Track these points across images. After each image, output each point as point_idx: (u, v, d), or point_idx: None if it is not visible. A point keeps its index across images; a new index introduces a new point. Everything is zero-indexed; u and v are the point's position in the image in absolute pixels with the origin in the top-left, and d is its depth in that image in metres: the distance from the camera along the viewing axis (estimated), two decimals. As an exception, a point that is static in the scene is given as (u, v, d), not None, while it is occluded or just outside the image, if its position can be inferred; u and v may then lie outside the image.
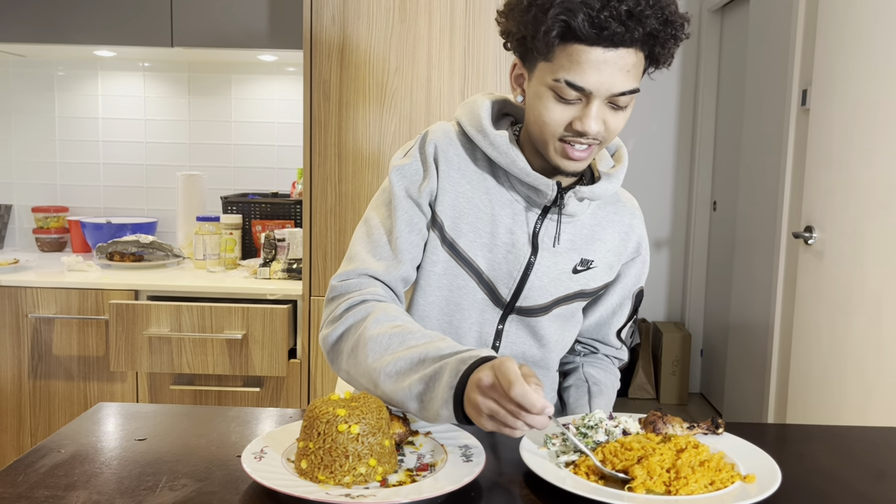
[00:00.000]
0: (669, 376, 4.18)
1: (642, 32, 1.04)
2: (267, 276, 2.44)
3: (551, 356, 1.32)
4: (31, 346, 2.38)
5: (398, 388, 1.04)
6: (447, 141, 1.23)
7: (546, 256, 1.22)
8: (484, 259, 1.21)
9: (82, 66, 2.97)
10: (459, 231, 1.21)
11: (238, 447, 1.04)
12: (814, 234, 2.38)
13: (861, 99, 2.13)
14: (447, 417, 0.99)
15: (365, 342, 1.09)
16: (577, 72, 1.05)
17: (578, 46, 1.05)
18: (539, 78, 1.11)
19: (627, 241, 1.31)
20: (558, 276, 1.24)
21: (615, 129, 1.12)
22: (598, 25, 1.02)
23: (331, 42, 2.18)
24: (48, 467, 0.97)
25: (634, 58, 1.07)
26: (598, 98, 1.07)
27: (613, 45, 1.04)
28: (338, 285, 1.20)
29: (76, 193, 3.03)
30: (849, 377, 2.16)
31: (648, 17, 1.03)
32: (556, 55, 1.07)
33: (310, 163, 2.23)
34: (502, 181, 1.22)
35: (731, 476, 0.94)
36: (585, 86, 1.06)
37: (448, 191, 1.21)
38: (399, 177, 1.22)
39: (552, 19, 1.04)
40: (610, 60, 1.05)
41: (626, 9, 1.02)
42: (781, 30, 3.11)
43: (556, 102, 1.10)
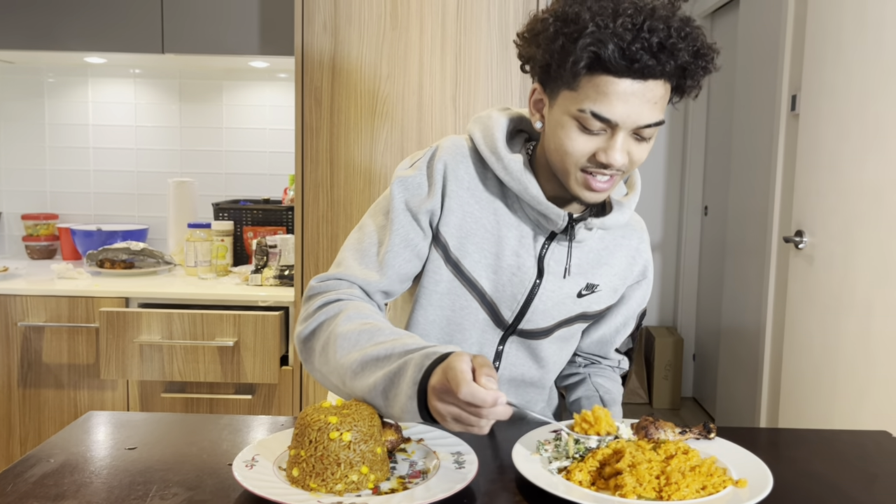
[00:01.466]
0: (662, 381, 4.19)
1: (674, 65, 1.02)
2: (258, 283, 2.43)
3: (549, 376, 1.32)
4: (20, 354, 2.36)
5: (364, 384, 1.01)
6: (458, 158, 1.19)
7: (552, 281, 1.21)
8: (488, 280, 1.20)
9: (72, 72, 2.96)
10: (465, 251, 1.19)
11: (229, 455, 1.04)
12: (804, 238, 2.39)
13: (850, 104, 2.15)
14: (412, 415, 0.96)
15: (335, 339, 1.07)
16: (604, 103, 1.03)
17: (606, 77, 1.02)
18: (562, 106, 1.08)
19: (634, 265, 1.30)
20: (563, 300, 1.23)
21: (638, 161, 1.10)
22: (629, 57, 1.00)
23: (322, 49, 2.18)
24: (38, 477, 0.96)
25: (662, 89, 1.05)
26: (623, 129, 1.05)
27: (642, 77, 1.02)
28: (316, 285, 1.17)
29: (66, 200, 3.02)
30: (840, 381, 2.17)
31: (680, 50, 1.02)
32: (581, 85, 1.05)
33: (301, 169, 2.22)
34: (512, 203, 1.20)
35: (723, 481, 0.94)
36: (612, 118, 1.04)
37: (455, 211, 1.18)
38: (401, 188, 1.19)
39: (581, 50, 1.01)
40: (638, 92, 1.03)
41: (657, 41, 1.00)
42: (771, 35, 3.12)
43: (580, 133, 1.07)
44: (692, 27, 1.04)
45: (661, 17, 1.02)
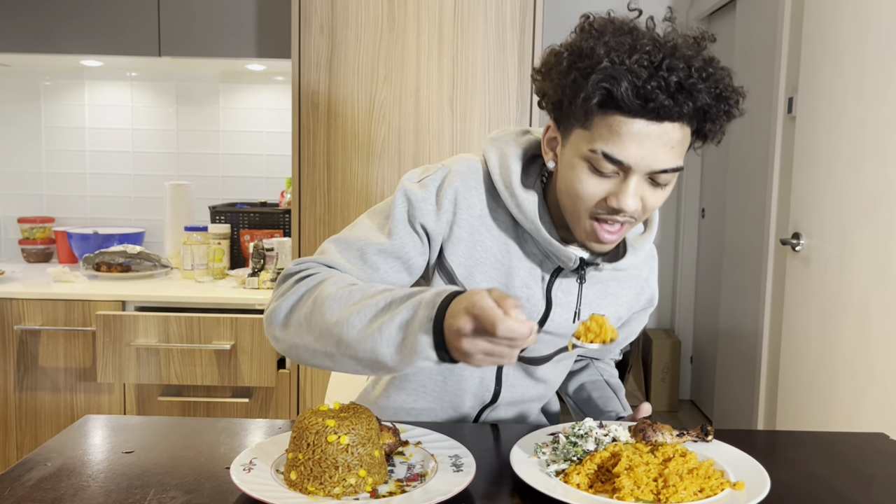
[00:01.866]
0: (659, 383, 4.19)
1: (692, 107, 0.96)
2: (255, 286, 2.43)
3: (549, 392, 1.33)
4: (16, 357, 2.36)
5: (367, 333, 0.94)
6: (471, 185, 1.14)
7: (559, 313, 1.18)
8: None
9: (69, 75, 2.96)
10: (473, 280, 1.14)
11: (227, 459, 1.04)
12: (801, 240, 2.40)
13: (847, 106, 2.15)
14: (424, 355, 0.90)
15: (322, 302, 0.99)
16: (617, 144, 0.97)
17: (619, 117, 0.97)
18: (574, 146, 1.03)
19: (641, 295, 1.27)
20: (568, 329, 1.20)
21: (653, 207, 1.04)
22: (644, 97, 0.94)
23: (319, 51, 2.18)
24: (35, 481, 0.96)
25: (681, 133, 0.99)
26: (637, 173, 0.99)
27: (658, 119, 0.96)
28: (292, 267, 1.10)
29: (63, 204, 3.01)
30: (837, 383, 2.17)
31: (700, 91, 0.96)
32: (594, 124, 0.99)
33: (298, 172, 2.22)
34: (522, 234, 1.16)
35: (721, 483, 0.94)
36: (625, 160, 0.98)
37: (465, 240, 1.13)
38: (407, 201, 1.13)
39: (593, 86, 0.96)
40: (653, 134, 0.97)
41: (676, 80, 0.94)
42: (767, 38, 3.13)
43: (591, 174, 1.01)
44: (716, 68, 0.98)
45: (683, 56, 0.96)
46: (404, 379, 1.25)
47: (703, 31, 1.03)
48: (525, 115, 2.19)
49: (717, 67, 0.99)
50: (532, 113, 2.19)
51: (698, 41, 1.01)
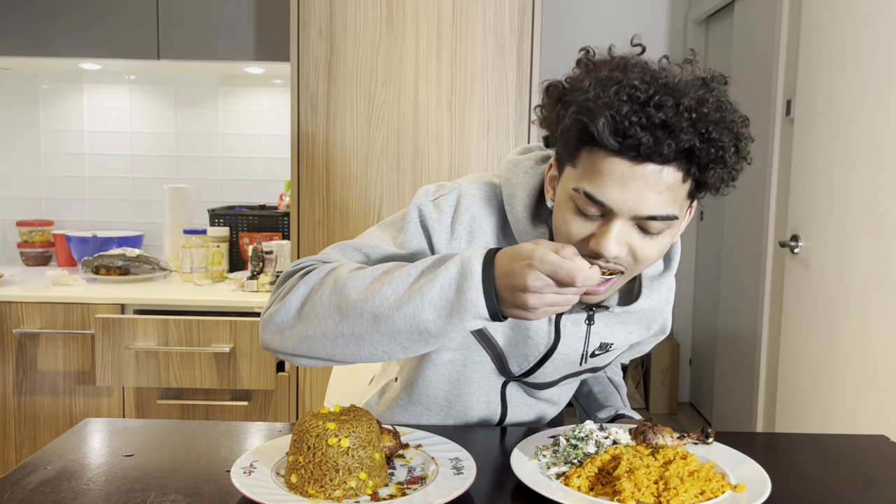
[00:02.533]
0: (658, 386, 4.19)
1: (674, 148, 0.88)
2: (254, 289, 2.43)
3: (556, 410, 1.31)
4: (15, 361, 2.35)
5: (405, 301, 0.90)
6: (486, 210, 1.09)
7: (566, 344, 1.14)
8: (503, 335, 1.13)
9: (67, 78, 2.96)
10: None
11: (227, 462, 1.04)
12: (800, 243, 2.40)
13: (845, 108, 2.16)
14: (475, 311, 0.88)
15: (343, 284, 0.94)
16: (598, 184, 0.91)
17: (602, 154, 0.90)
18: (563, 184, 0.97)
19: (652, 324, 1.21)
20: (574, 360, 1.17)
21: (645, 258, 0.96)
22: (622, 133, 0.87)
23: (318, 54, 2.18)
24: (35, 484, 0.95)
25: (671, 177, 0.90)
26: (620, 217, 0.92)
27: (641, 160, 0.89)
28: (292, 266, 1.06)
29: (61, 207, 3.01)
30: (836, 385, 2.17)
31: (684, 132, 0.87)
32: (580, 161, 0.93)
33: (297, 175, 2.22)
34: None
35: (722, 486, 0.94)
36: (605, 201, 0.91)
37: None
38: (420, 218, 1.09)
39: (570, 119, 0.90)
40: (638, 176, 0.89)
41: (661, 118, 0.87)
42: (765, 41, 3.14)
43: (576, 215, 0.95)
44: (711, 108, 0.90)
45: (673, 94, 0.89)
46: (409, 401, 1.25)
47: (715, 73, 0.96)
48: (524, 118, 2.19)
49: (712, 107, 0.90)
50: (530, 117, 2.19)
51: (706, 81, 0.94)
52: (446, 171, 2.21)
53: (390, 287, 0.92)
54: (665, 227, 0.94)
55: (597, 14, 4.26)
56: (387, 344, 0.94)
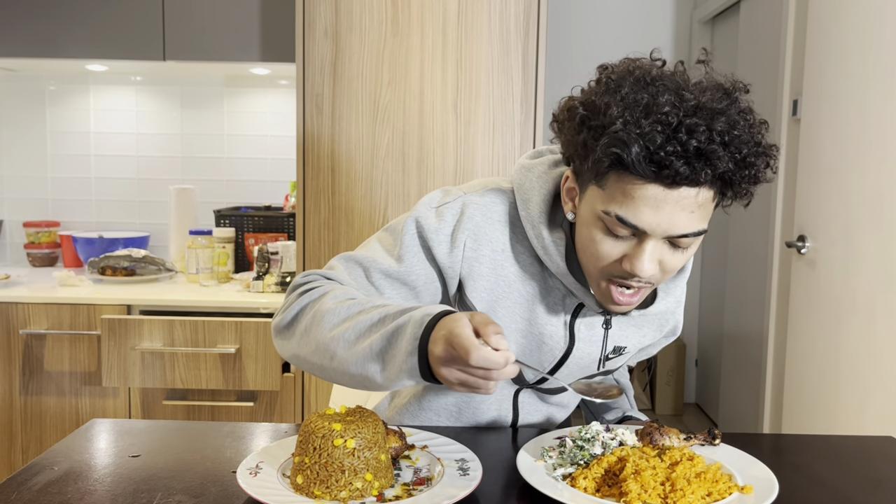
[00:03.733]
0: (664, 386, 4.18)
1: (710, 175, 0.88)
2: (260, 290, 2.43)
3: (566, 414, 1.31)
4: (22, 362, 2.36)
5: (357, 350, 0.94)
6: (493, 219, 1.09)
7: (581, 348, 1.14)
8: (516, 344, 1.12)
9: (74, 80, 2.97)
10: (494, 314, 1.10)
11: (233, 463, 1.04)
12: (806, 243, 2.39)
13: (851, 108, 2.15)
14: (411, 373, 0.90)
15: (321, 317, 0.99)
16: (631, 208, 0.91)
17: (633, 179, 0.90)
18: (589, 203, 0.97)
19: (664, 326, 1.21)
20: (588, 364, 1.17)
21: (672, 270, 0.98)
22: (658, 163, 0.87)
23: (323, 55, 2.18)
24: (41, 485, 0.96)
25: (702, 197, 0.91)
26: (654, 238, 0.93)
27: (676, 185, 0.89)
28: (298, 279, 1.10)
29: (68, 208, 3.02)
30: (844, 386, 2.16)
31: (720, 159, 0.87)
32: (608, 184, 0.93)
33: (303, 176, 2.22)
34: (547, 269, 1.10)
35: (729, 487, 0.94)
36: (639, 224, 0.92)
37: (487, 275, 1.09)
38: (416, 229, 1.09)
39: (602, 150, 0.90)
40: (671, 199, 0.90)
41: (695, 145, 0.86)
42: (771, 40, 3.13)
43: (606, 236, 0.96)
44: (742, 130, 0.90)
45: (705, 117, 0.88)
46: (419, 407, 1.25)
47: (735, 82, 0.96)
48: (529, 118, 2.19)
49: (743, 129, 0.90)
50: (536, 117, 2.19)
51: (729, 93, 0.94)
52: (451, 172, 2.21)
53: (352, 332, 0.96)
54: (694, 241, 0.96)
55: (602, 14, 4.25)
56: (347, 381, 0.99)
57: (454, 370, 0.86)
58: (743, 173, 0.90)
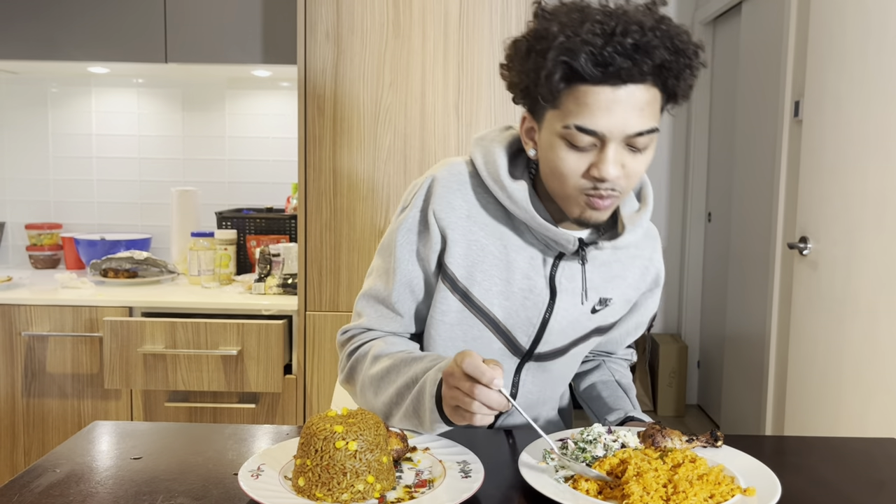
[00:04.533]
0: (666, 388, 4.17)
1: (652, 65, 0.98)
2: (262, 292, 2.43)
3: (560, 390, 1.33)
4: (24, 364, 2.36)
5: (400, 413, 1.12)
6: (454, 188, 1.16)
7: (565, 299, 1.18)
8: (500, 308, 1.17)
9: (76, 82, 2.97)
10: (473, 280, 1.16)
11: (235, 465, 1.04)
12: (808, 244, 2.39)
13: (853, 109, 2.15)
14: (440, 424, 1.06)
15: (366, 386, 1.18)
16: (587, 115, 0.99)
17: (584, 88, 0.99)
18: (549, 127, 1.05)
19: (646, 275, 1.27)
20: (577, 318, 1.20)
21: (636, 173, 1.05)
22: (603, 62, 0.96)
23: (324, 57, 2.18)
24: (43, 487, 0.96)
25: (648, 94, 1.00)
26: (613, 141, 1.01)
27: (622, 83, 0.98)
28: (340, 337, 1.26)
29: (70, 210, 3.02)
30: (846, 387, 2.16)
31: (657, 48, 0.97)
32: (562, 101, 1.01)
33: (304, 177, 2.23)
34: (518, 225, 1.17)
35: (731, 489, 0.94)
36: (597, 129, 1.00)
37: (459, 241, 1.15)
38: (400, 231, 1.18)
39: (552, 62, 0.98)
40: (621, 99, 0.98)
41: (631, 42, 0.96)
42: (773, 42, 3.13)
43: (570, 150, 1.03)
44: (670, 25, 1.00)
45: (635, 19, 0.98)
46: None
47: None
48: (531, 120, 2.19)
49: (670, 24, 1.01)
50: (538, 118, 2.19)
51: (649, 6, 1.03)
52: (453, 174, 2.20)
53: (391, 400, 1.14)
54: (650, 140, 1.04)
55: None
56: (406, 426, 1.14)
57: (449, 388, 1.00)
58: (680, 60, 1.00)
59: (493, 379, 0.94)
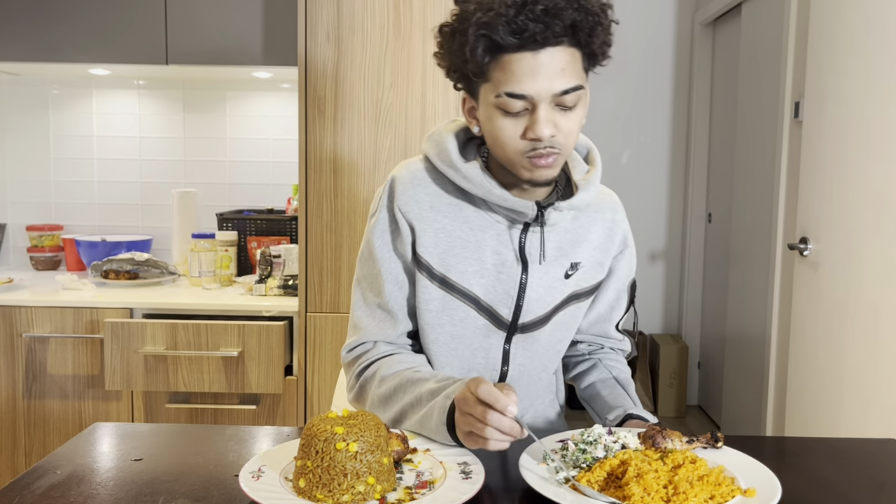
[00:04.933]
0: (667, 389, 4.17)
1: (563, 26, 1.06)
2: (263, 293, 2.43)
3: (552, 365, 1.35)
4: (25, 365, 2.37)
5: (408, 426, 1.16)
6: (414, 183, 1.23)
7: (537, 268, 1.24)
8: (479, 286, 1.23)
9: (77, 84, 2.98)
10: (448, 265, 1.22)
11: (235, 466, 1.04)
12: (809, 245, 2.39)
13: (853, 110, 2.15)
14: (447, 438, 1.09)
15: (376, 403, 1.22)
16: (514, 81, 1.07)
17: (507, 56, 1.07)
18: (484, 101, 1.13)
19: (613, 236, 1.32)
20: (553, 284, 1.26)
21: (570, 131, 1.12)
22: (518, 30, 1.05)
23: (325, 58, 2.19)
24: (44, 489, 0.96)
25: (567, 55, 1.08)
26: (542, 102, 1.08)
27: (540, 46, 1.06)
28: (346, 356, 1.29)
29: (71, 211, 3.02)
30: (846, 388, 2.16)
31: (565, 10, 1.05)
32: (491, 73, 1.10)
33: (305, 179, 2.23)
34: (479, 205, 1.23)
35: (732, 490, 0.94)
36: (525, 92, 1.07)
37: (427, 232, 1.22)
38: (374, 233, 1.25)
39: (473, 37, 1.07)
40: (542, 62, 1.07)
41: (542, 8, 1.04)
42: (773, 42, 3.13)
43: (505, 118, 1.11)
44: None
45: None
46: None
47: None
48: (531, 121, 2.19)
49: None
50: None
51: None
52: (454, 175, 2.20)
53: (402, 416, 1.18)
54: (577, 98, 1.10)
55: (604, 17, 4.25)
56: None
57: (461, 414, 1.03)
58: (589, 19, 1.07)
59: (507, 406, 0.97)
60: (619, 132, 4.37)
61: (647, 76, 4.32)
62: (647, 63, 4.31)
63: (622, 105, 4.34)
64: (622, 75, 4.29)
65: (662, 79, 4.33)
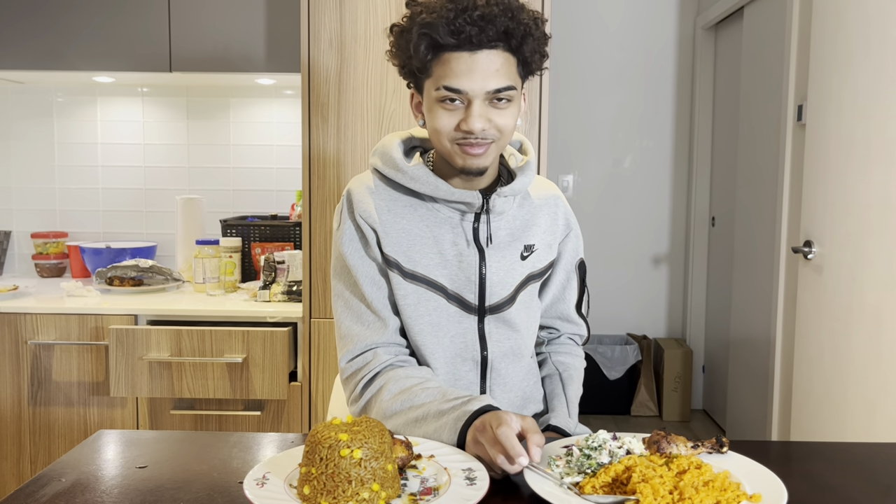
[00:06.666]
0: (671, 393, 4.17)
1: (496, 31, 1.17)
2: (267, 299, 2.43)
3: (527, 341, 1.42)
4: (30, 372, 2.37)
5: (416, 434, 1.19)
6: (368, 193, 1.32)
7: (493, 254, 1.33)
8: (444, 276, 1.32)
9: (81, 91, 2.99)
10: (414, 261, 1.31)
11: (240, 473, 1.04)
12: (813, 248, 2.38)
13: (856, 113, 2.15)
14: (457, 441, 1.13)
15: (383, 414, 1.25)
16: (452, 76, 1.19)
17: (447, 55, 1.19)
18: (428, 95, 1.25)
19: (556, 220, 1.42)
20: (511, 266, 1.35)
21: (504, 126, 1.23)
22: (456, 31, 1.16)
23: (328, 65, 2.19)
24: (49, 496, 0.96)
25: (501, 58, 1.20)
26: (476, 98, 1.20)
27: (476, 48, 1.18)
28: (346, 367, 1.32)
29: (75, 219, 3.03)
30: (852, 392, 2.15)
31: (498, 17, 1.16)
32: (433, 69, 1.22)
33: (308, 185, 2.23)
34: (430, 203, 1.33)
35: (737, 495, 0.94)
36: (460, 87, 1.19)
37: (389, 233, 1.30)
38: (343, 244, 1.33)
39: (417, 35, 1.18)
40: (478, 62, 1.18)
41: (478, 13, 1.16)
42: (776, 46, 3.13)
43: (443, 110, 1.22)
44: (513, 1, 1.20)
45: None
46: None
47: None
48: (534, 127, 2.19)
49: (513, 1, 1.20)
50: (541, 125, 2.19)
51: None
52: (457, 180, 2.20)
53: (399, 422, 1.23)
54: (509, 97, 1.22)
55: (605, 20, 4.26)
56: None
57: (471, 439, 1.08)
58: (518, 27, 1.18)
59: (518, 456, 0.99)
60: (622, 136, 4.37)
61: (649, 80, 4.32)
62: (650, 67, 4.31)
63: (625, 109, 4.34)
64: (625, 80, 4.29)
65: (665, 83, 4.33)
